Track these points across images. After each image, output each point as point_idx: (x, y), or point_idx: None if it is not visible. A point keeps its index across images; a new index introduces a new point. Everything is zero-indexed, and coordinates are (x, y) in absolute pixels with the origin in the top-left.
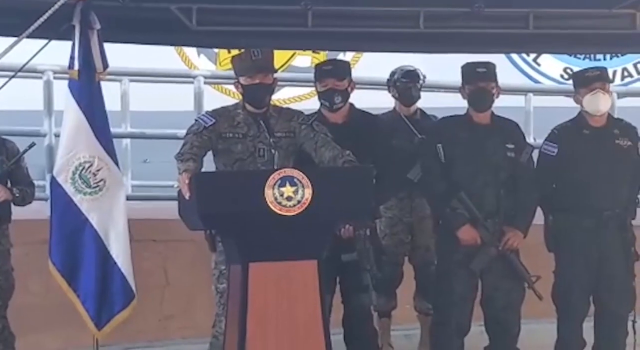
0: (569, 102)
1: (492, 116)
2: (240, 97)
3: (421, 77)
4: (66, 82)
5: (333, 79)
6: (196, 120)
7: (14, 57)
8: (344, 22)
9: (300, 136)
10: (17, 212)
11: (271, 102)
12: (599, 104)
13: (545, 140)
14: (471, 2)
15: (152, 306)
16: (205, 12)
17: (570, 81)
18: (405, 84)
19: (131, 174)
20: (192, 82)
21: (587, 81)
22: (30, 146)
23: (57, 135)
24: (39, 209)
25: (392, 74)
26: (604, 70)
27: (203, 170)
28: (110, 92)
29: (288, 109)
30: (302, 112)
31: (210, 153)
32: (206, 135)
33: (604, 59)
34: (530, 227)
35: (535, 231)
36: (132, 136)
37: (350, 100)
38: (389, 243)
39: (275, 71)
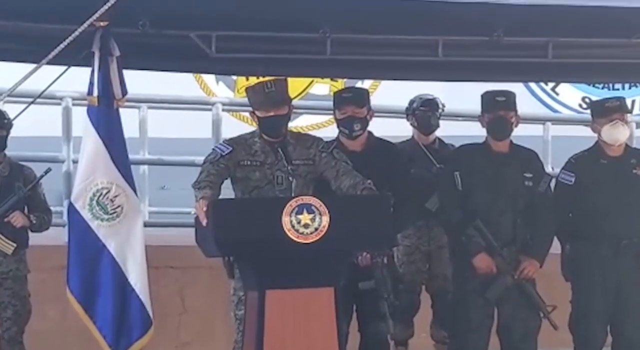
0: (588, 131)
1: (511, 145)
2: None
3: (440, 105)
4: (85, 108)
5: (353, 107)
6: (213, 149)
7: (33, 84)
8: (362, 50)
9: (321, 164)
10: (35, 238)
11: (288, 129)
12: (618, 134)
13: (562, 169)
14: (490, 30)
15: (169, 333)
16: (224, 40)
17: (589, 111)
18: (424, 113)
19: (149, 200)
20: (210, 109)
21: (607, 112)
22: (46, 172)
23: (75, 162)
24: (56, 235)
25: (411, 102)
26: (622, 100)
27: (221, 197)
28: (129, 119)
29: (306, 135)
30: (321, 139)
31: (228, 181)
32: (223, 163)
33: (623, 89)
34: (548, 256)
35: (552, 260)
36: (150, 163)
37: (368, 128)
38: (406, 271)
39: (291, 100)
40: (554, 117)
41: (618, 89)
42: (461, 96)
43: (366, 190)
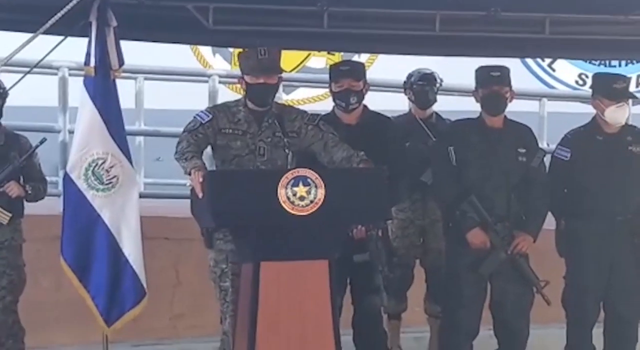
0: (584, 107)
1: (505, 120)
2: (244, 93)
3: (438, 80)
4: (81, 78)
5: (350, 79)
6: (194, 116)
7: (30, 53)
8: (359, 23)
9: (307, 137)
10: (30, 208)
11: (273, 101)
12: (621, 118)
13: (558, 144)
14: (487, 6)
15: (163, 304)
16: (221, 12)
17: (585, 87)
18: (422, 87)
19: (144, 171)
20: (206, 81)
21: (615, 95)
22: (42, 142)
23: (71, 132)
24: (51, 205)
25: (409, 76)
26: (628, 80)
27: (217, 169)
28: (125, 90)
29: (290, 107)
30: (306, 112)
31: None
32: (201, 132)
33: (619, 65)
34: (541, 232)
35: (546, 236)
36: (145, 134)
37: (364, 102)
38: (400, 245)
39: (281, 71)
40: (550, 93)
41: (615, 66)
42: (458, 71)
43: (363, 162)
